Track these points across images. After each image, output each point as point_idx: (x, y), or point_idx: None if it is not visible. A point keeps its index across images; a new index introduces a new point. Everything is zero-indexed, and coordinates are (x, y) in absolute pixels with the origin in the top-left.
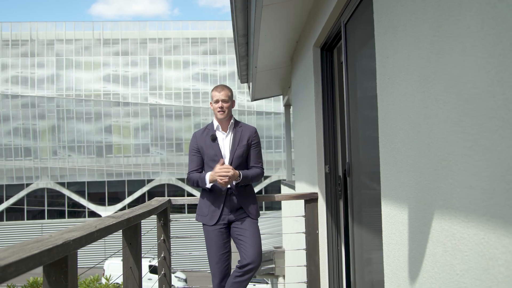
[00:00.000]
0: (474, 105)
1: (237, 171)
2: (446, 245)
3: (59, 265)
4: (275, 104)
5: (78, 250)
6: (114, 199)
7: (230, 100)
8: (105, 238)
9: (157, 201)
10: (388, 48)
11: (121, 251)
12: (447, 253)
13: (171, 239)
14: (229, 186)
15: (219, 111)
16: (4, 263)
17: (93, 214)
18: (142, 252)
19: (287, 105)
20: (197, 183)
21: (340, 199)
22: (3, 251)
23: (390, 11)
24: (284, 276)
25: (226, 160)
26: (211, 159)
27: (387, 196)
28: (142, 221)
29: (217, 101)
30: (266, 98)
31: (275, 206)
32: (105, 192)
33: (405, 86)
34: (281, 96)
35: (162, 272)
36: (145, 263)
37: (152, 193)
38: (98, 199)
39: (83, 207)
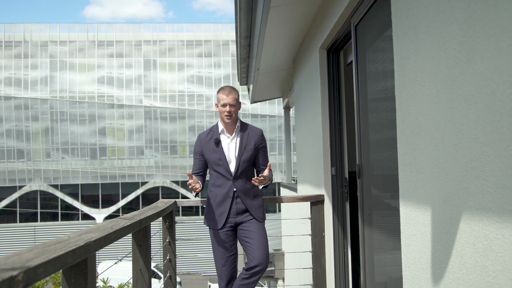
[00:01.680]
0: (510, 105)
1: (268, 175)
2: (477, 246)
3: (79, 267)
4: (270, 107)
5: None
6: (108, 201)
7: (238, 103)
8: None
9: (163, 203)
10: (408, 49)
11: (113, 253)
12: (477, 254)
13: (176, 241)
14: (235, 189)
15: (226, 116)
16: (34, 264)
17: (86, 216)
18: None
19: (286, 108)
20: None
21: (347, 201)
22: (27, 252)
23: (410, 12)
24: (283, 279)
25: (232, 164)
26: (216, 163)
27: (406, 197)
28: None
29: (224, 105)
30: (266, 101)
31: (270, 209)
32: (99, 194)
33: (429, 87)
34: (280, 99)
35: (168, 275)
36: None
37: (146, 196)
38: (91, 201)
39: (77, 209)
